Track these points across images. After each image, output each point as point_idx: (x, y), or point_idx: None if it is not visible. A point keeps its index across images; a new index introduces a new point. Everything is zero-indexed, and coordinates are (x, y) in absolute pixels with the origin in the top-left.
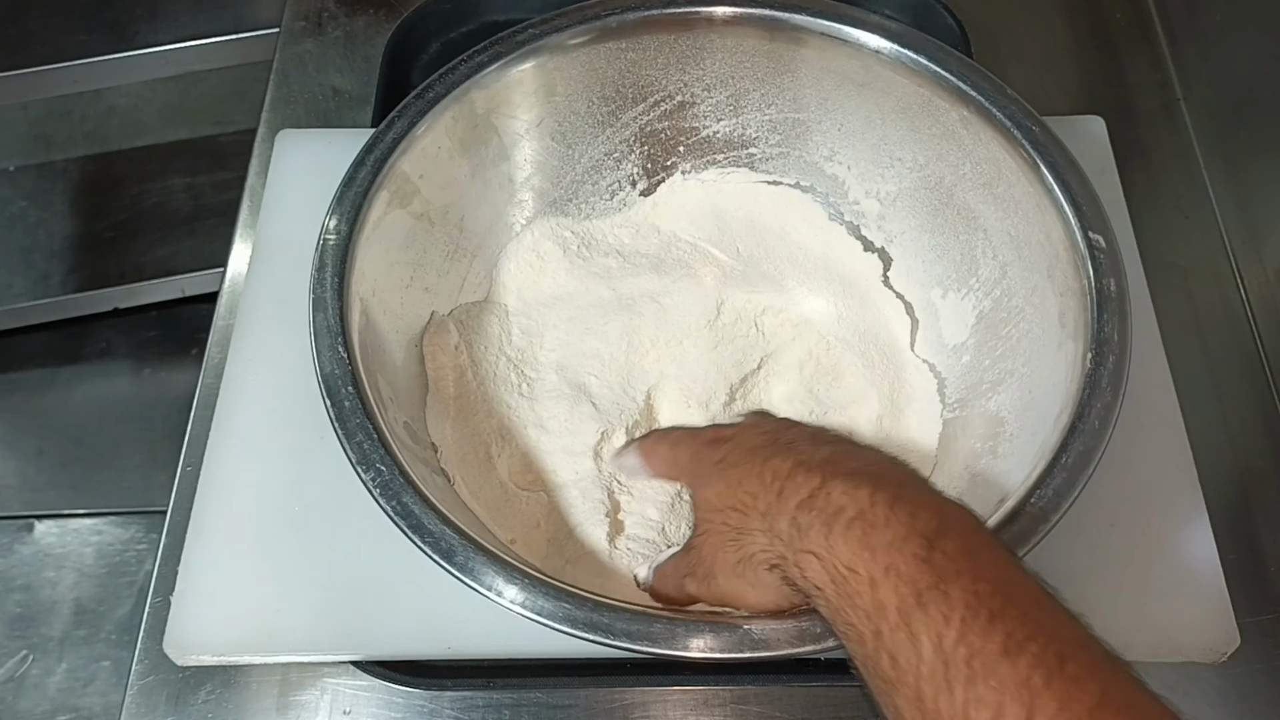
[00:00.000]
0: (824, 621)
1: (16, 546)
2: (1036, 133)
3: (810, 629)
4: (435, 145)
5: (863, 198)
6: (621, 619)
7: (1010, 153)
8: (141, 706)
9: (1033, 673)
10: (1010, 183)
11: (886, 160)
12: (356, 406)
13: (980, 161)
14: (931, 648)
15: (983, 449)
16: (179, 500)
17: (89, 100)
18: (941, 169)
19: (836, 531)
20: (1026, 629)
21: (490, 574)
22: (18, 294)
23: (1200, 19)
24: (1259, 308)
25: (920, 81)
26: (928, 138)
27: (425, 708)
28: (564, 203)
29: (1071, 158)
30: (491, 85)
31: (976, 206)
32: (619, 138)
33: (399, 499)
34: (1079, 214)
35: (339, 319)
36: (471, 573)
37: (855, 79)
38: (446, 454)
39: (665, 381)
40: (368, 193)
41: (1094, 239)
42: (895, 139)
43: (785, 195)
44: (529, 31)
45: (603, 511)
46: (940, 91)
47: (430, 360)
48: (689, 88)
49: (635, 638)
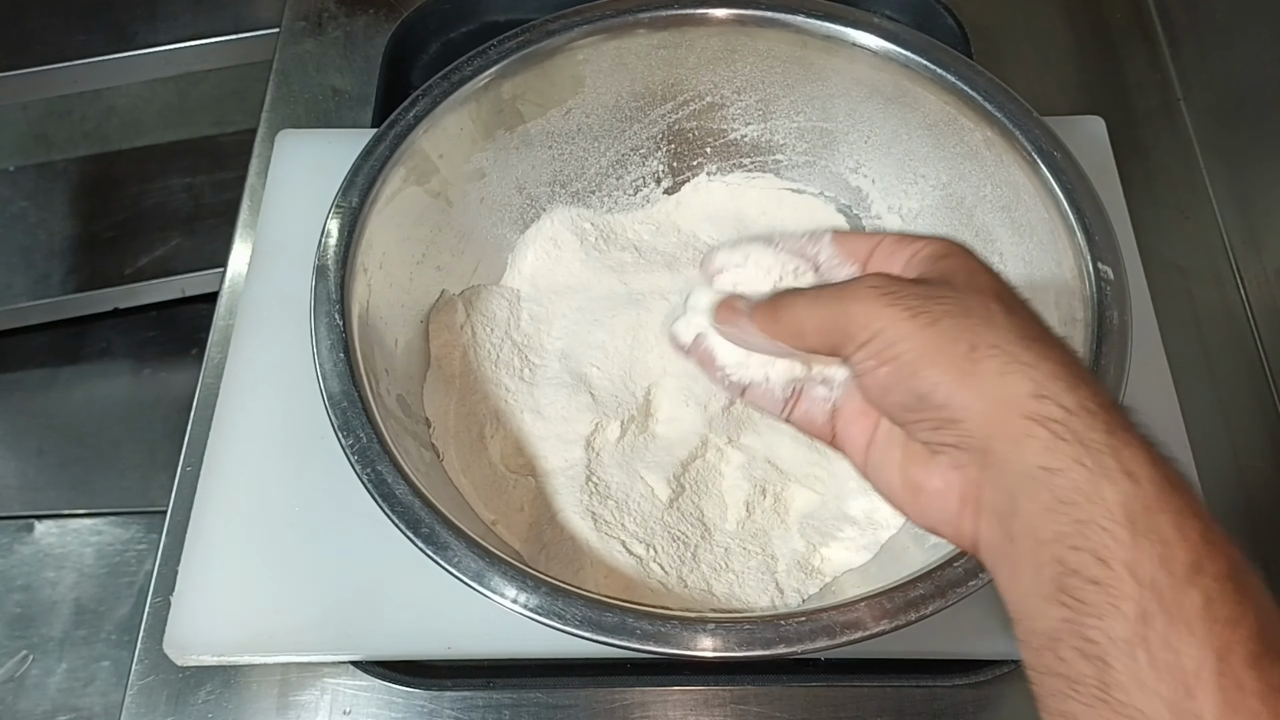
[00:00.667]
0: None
1: (16, 546)
2: (1058, 159)
3: (812, 628)
4: (458, 126)
5: (885, 212)
6: (623, 619)
7: (1030, 177)
8: (141, 707)
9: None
10: (1028, 207)
11: (910, 176)
12: (345, 372)
13: (1001, 184)
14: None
15: None
16: (179, 500)
17: (89, 100)
18: (963, 189)
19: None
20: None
21: (456, 549)
22: (18, 294)
23: (1200, 19)
24: (1259, 308)
25: (947, 99)
26: (952, 156)
27: (425, 708)
28: (586, 194)
29: (1090, 186)
30: (520, 72)
31: (994, 229)
32: (646, 134)
33: (374, 467)
34: (1091, 244)
35: (339, 287)
36: (435, 543)
37: (884, 92)
38: (440, 430)
39: (666, 379)
40: (384, 167)
41: (1103, 270)
42: (920, 155)
43: (809, 204)
44: (560, 21)
45: (586, 502)
46: (966, 110)
47: (434, 337)
48: (719, 89)
49: (638, 637)
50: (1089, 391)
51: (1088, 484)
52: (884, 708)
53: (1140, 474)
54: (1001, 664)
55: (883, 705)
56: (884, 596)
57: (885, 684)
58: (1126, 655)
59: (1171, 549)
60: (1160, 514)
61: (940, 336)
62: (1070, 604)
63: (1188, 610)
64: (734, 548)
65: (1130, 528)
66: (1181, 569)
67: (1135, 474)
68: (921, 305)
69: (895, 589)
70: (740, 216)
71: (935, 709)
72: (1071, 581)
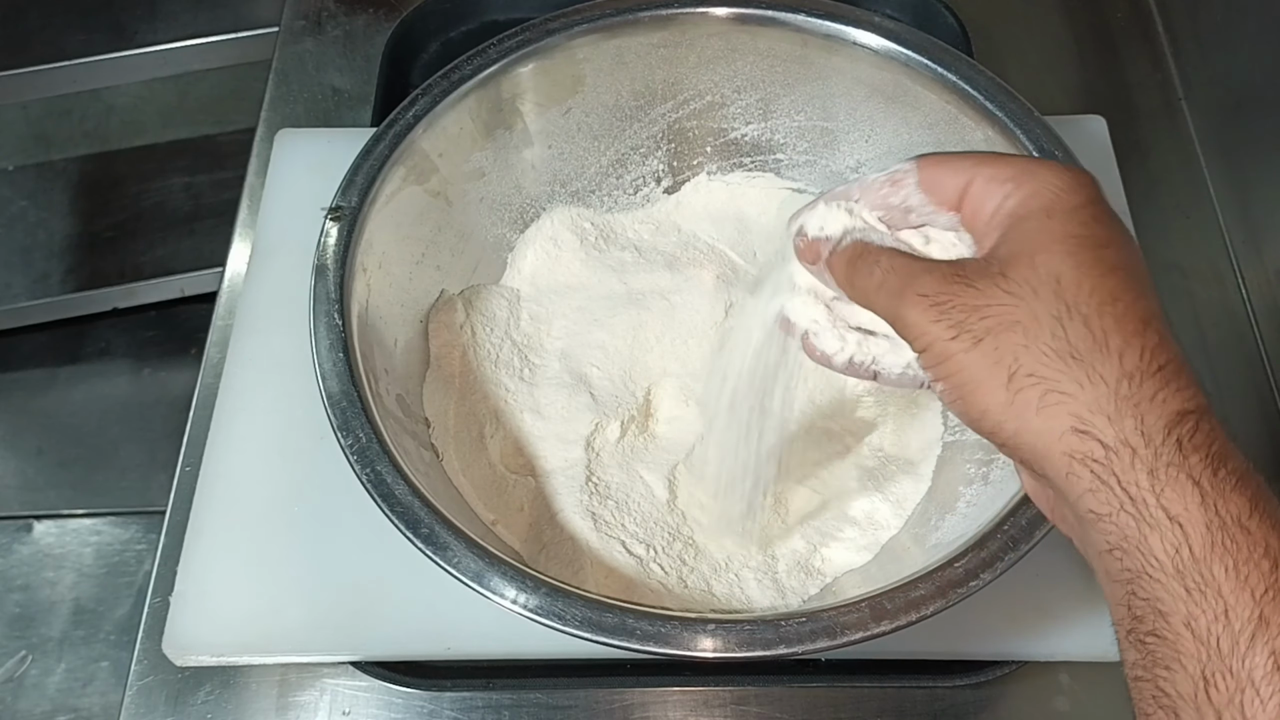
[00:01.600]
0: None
1: (15, 546)
2: (1059, 159)
3: (812, 629)
4: (457, 126)
5: None
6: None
7: None
8: (140, 707)
9: None
10: None
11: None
12: (344, 372)
13: None
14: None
15: (975, 474)
16: (178, 500)
17: (88, 100)
18: None
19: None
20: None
21: (456, 550)
22: (17, 294)
23: (1201, 18)
24: (1260, 308)
25: (949, 98)
26: None
27: (424, 708)
28: (586, 194)
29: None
30: (519, 71)
31: None
32: (646, 133)
33: (373, 467)
34: None
35: (338, 286)
36: (435, 543)
37: (885, 92)
38: (439, 430)
39: (666, 379)
40: (384, 166)
41: None
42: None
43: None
44: (560, 20)
45: (586, 502)
46: (967, 110)
47: (434, 337)
48: (719, 88)
49: (638, 638)
50: (1134, 421)
51: (1135, 532)
52: (885, 708)
53: (1188, 519)
54: (1003, 664)
55: (883, 706)
56: (884, 597)
57: (886, 684)
58: (1195, 713)
59: (1229, 602)
60: (1215, 563)
61: (982, 360)
62: (1142, 649)
63: (1254, 672)
64: (734, 548)
65: (1181, 580)
66: (1244, 625)
67: (1182, 519)
68: (966, 321)
69: (896, 589)
70: (740, 216)
71: (936, 709)
72: (1139, 628)
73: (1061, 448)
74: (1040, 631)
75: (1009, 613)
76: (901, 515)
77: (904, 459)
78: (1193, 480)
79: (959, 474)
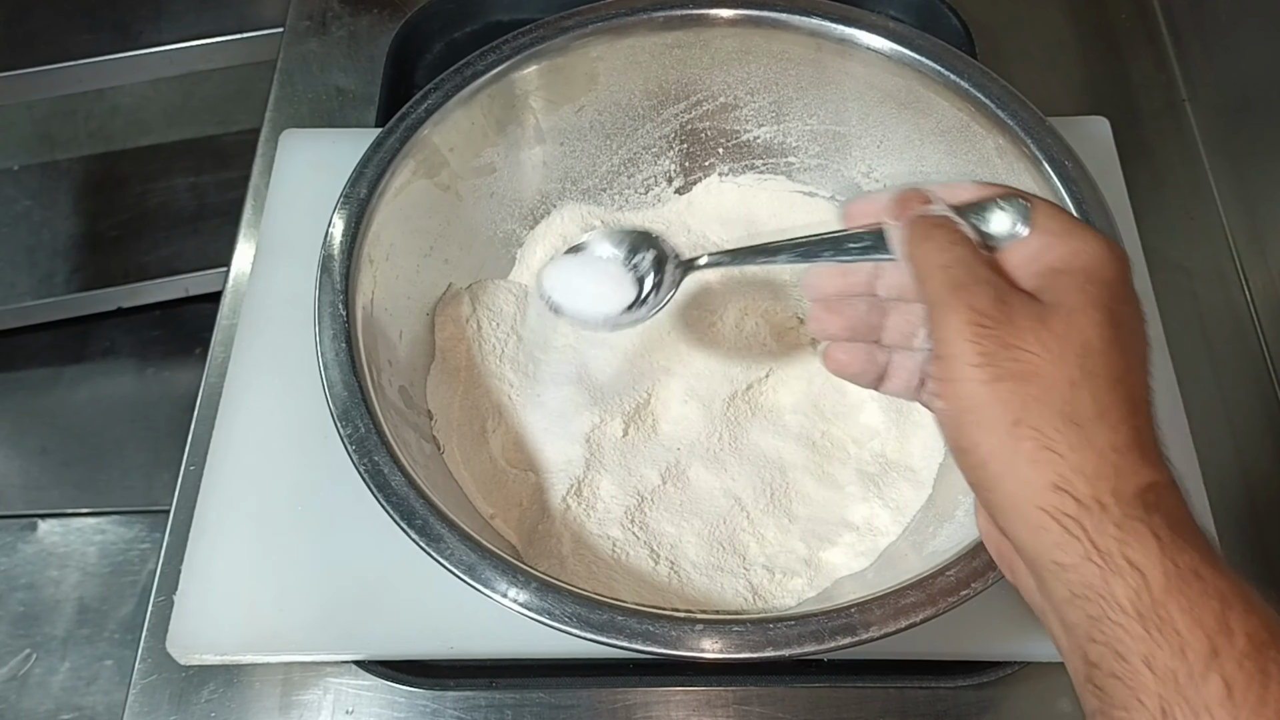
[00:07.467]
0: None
1: (20, 545)
2: (1069, 168)
3: (800, 632)
4: (469, 121)
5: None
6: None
7: (1040, 186)
8: (144, 705)
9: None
10: None
11: (922, 182)
12: (346, 362)
13: None
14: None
15: None
16: (182, 499)
17: (93, 100)
18: None
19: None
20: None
21: (449, 542)
22: (22, 293)
23: (1205, 19)
24: (1264, 309)
25: (960, 105)
26: (964, 163)
27: (428, 708)
28: (597, 192)
29: (1100, 197)
30: (533, 68)
31: None
32: (659, 133)
33: (371, 457)
34: None
35: (344, 277)
36: (429, 535)
37: (898, 97)
38: (442, 423)
39: (670, 379)
40: (394, 159)
41: None
42: (932, 162)
43: (820, 208)
44: (574, 18)
45: (585, 499)
46: (979, 117)
47: (440, 330)
48: (732, 90)
49: (626, 635)
50: (1108, 484)
51: (1099, 580)
52: (887, 709)
53: (1148, 566)
54: (1005, 665)
55: (886, 706)
56: (875, 603)
57: (888, 685)
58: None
59: (1185, 638)
60: (1170, 605)
61: (994, 398)
62: (1098, 695)
63: (1209, 699)
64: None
65: (1141, 621)
66: (1198, 657)
67: (1142, 566)
68: (994, 355)
69: (886, 596)
70: (750, 218)
71: (938, 710)
72: (1095, 674)
73: (1038, 501)
74: (1043, 632)
75: (1012, 614)
76: (901, 522)
77: (905, 465)
78: (1154, 534)
79: (959, 482)
